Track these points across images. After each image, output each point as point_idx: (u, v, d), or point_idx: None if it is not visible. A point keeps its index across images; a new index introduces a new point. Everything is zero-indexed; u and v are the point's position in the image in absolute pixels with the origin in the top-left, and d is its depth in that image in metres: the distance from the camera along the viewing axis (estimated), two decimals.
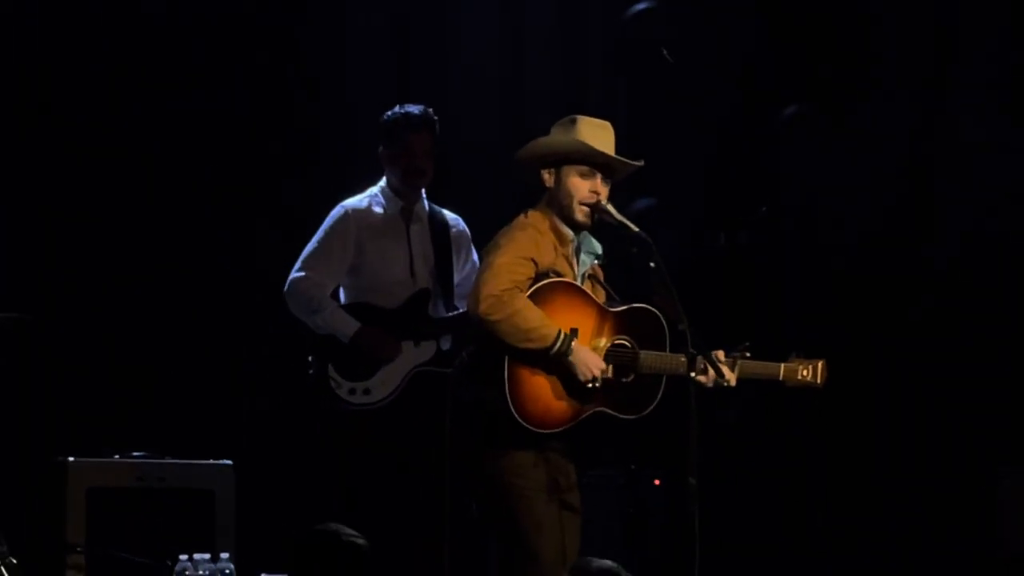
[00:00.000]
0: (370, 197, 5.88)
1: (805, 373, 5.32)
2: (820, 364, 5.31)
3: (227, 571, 5.54)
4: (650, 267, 4.91)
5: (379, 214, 5.81)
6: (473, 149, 7.11)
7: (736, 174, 7.57)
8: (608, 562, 4.31)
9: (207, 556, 5.58)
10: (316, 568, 4.24)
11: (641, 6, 7.27)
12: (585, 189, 4.95)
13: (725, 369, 5.02)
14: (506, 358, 4.71)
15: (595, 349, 4.86)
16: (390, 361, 5.71)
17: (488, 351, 4.77)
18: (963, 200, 7.33)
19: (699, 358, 4.89)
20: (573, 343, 4.77)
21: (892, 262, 7.45)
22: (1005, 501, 6.88)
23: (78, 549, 6.03)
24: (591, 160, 4.97)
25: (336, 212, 5.83)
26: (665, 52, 7.01)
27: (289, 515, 6.42)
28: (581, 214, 4.94)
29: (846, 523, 7.38)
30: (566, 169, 4.97)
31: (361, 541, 4.28)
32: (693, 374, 4.90)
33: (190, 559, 5.59)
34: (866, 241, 7.47)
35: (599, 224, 5.08)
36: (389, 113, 5.84)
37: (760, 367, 5.25)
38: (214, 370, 7.10)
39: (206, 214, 7.13)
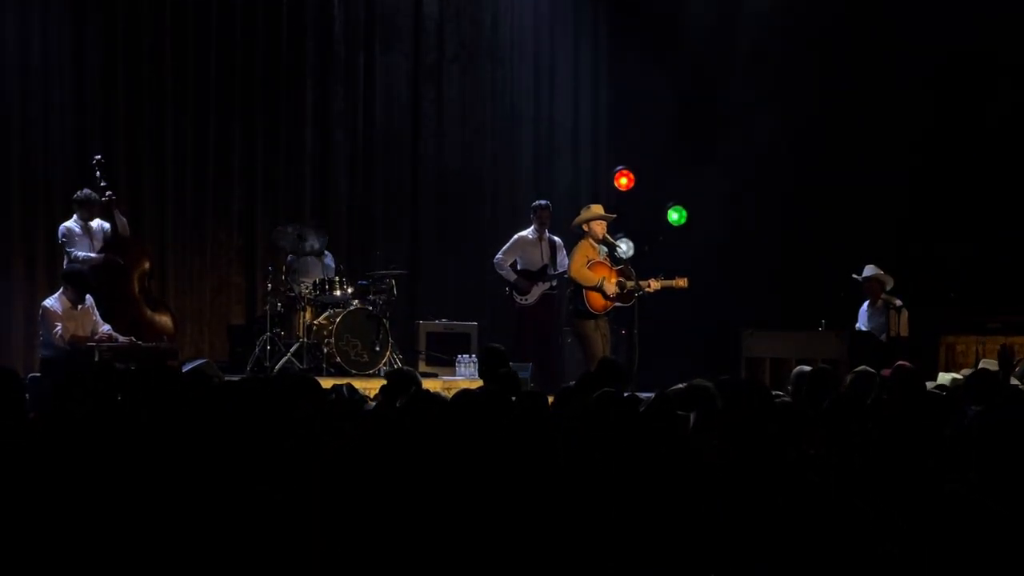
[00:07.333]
0: (528, 230, 14.34)
1: (681, 283, 13.66)
2: (687, 279, 13.65)
3: (474, 362, 14.28)
4: (619, 257, 13.67)
5: (531, 238, 14.37)
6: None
7: None
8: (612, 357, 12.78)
9: (468, 356, 14.56)
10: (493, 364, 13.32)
11: None
12: (597, 229, 13.64)
13: (653, 284, 13.38)
14: (583, 289, 13.44)
15: (611, 282, 13.40)
16: (531, 290, 14.45)
17: (577, 287, 13.54)
18: None
19: (639, 283, 13.46)
20: (603, 282, 13.36)
21: None
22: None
23: (421, 351, 15.06)
24: (599, 219, 13.59)
25: (515, 236, 14.44)
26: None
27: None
28: (598, 237, 13.65)
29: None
30: (590, 223, 13.70)
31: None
32: (642, 284, 13.41)
33: (461, 356, 14.57)
34: None
35: (604, 241, 13.69)
36: (535, 203, 14.77)
37: (666, 282, 13.56)
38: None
39: None
